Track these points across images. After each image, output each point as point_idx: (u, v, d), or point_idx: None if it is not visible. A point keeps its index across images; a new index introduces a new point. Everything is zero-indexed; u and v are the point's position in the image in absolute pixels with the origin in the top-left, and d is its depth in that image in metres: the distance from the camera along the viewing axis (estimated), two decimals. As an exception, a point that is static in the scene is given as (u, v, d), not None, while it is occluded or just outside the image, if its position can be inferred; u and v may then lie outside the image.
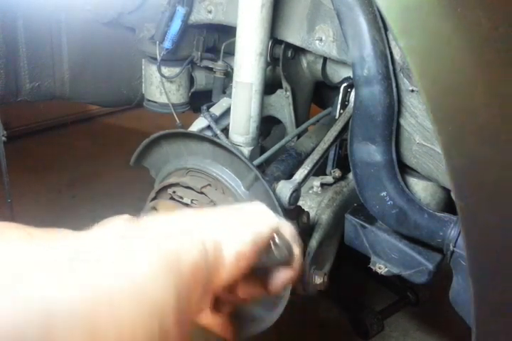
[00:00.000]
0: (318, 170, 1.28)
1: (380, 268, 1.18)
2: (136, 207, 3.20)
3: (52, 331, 0.38)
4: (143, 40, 1.62)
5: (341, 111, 1.32)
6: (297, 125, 1.65)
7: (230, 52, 1.47)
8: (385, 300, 2.53)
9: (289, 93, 1.62)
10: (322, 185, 1.37)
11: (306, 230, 1.21)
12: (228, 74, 1.62)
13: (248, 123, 1.25)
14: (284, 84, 1.61)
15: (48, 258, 0.43)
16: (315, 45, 1.28)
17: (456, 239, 1.00)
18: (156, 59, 1.58)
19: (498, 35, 0.81)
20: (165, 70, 1.66)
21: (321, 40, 1.26)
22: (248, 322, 1.27)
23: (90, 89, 1.76)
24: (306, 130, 1.47)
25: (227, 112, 1.42)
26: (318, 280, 1.28)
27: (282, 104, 1.65)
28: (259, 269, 0.69)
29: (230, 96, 1.33)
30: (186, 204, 1.14)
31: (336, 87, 1.35)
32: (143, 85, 1.80)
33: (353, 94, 1.28)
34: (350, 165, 1.11)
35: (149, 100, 1.78)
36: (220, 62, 1.62)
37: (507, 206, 0.86)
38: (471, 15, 0.79)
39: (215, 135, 1.35)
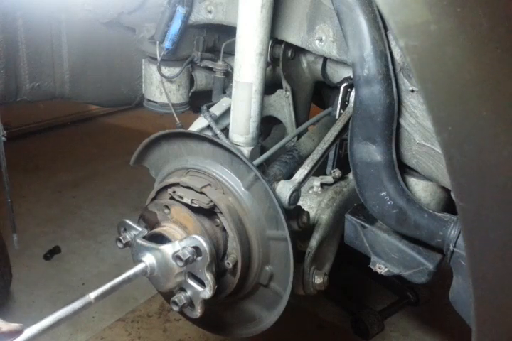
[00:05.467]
0: (318, 170, 1.28)
1: (380, 268, 1.18)
2: (135, 207, 3.21)
3: None
4: (143, 40, 1.63)
5: (341, 111, 1.32)
6: (297, 125, 1.65)
7: (230, 52, 1.47)
8: (385, 300, 2.53)
9: (289, 93, 1.62)
10: (322, 185, 1.37)
11: (306, 230, 1.21)
12: (228, 74, 1.62)
13: (248, 123, 1.25)
14: (284, 84, 1.61)
15: None
16: (315, 45, 1.28)
17: (456, 239, 1.00)
18: (156, 59, 1.58)
19: (498, 35, 0.81)
20: (165, 70, 1.66)
21: (321, 40, 1.26)
22: (248, 322, 1.27)
23: (90, 89, 1.76)
24: (306, 130, 1.47)
25: (227, 112, 1.42)
26: (318, 280, 1.28)
27: (282, 104, 1.65)
28: None
29: (230, 96, 1.33)
30: (186, 204, 1.14)
31: (336, 87, 1.35)
32: (143, 85, 1.80)
33: (353, 94, 1.28)
34: (350, 165, 1.11)
35: (149, 100, 1.78)
36: (220, 62, 1.62)
37: (507, 206, 0.86)
38: (471, 15, 0.79)
39: (215, 135, 1.35)
